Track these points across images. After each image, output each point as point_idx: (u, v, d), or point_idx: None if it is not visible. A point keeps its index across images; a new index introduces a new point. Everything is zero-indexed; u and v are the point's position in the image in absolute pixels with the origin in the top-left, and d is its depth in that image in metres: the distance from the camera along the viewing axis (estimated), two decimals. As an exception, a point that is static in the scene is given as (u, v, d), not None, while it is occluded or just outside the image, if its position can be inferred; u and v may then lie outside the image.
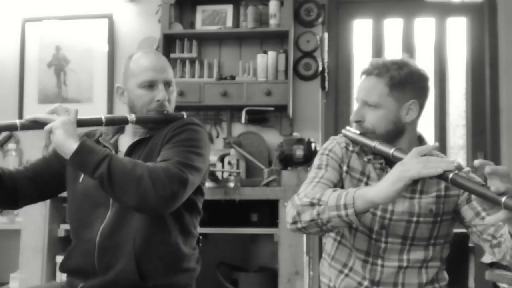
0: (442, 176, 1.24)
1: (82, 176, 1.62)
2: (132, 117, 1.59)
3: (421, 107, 1.54)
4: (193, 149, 1.55)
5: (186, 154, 1.52)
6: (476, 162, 1.19)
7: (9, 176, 1.61)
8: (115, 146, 1.68)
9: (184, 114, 1.70)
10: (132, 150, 1.63)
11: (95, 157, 1.41)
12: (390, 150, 1.41)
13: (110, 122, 1.59)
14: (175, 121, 1.65)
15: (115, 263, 1.53)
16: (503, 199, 1.13)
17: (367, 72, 1.55)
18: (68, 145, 1.41)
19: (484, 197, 1.18)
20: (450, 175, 1.22)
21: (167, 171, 1.43)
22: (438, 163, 1.24)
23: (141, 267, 1.52)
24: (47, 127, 1.43)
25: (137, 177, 1.40)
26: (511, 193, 1.13)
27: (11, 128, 1.45)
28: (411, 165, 1.26)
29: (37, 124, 1.45)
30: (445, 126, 3.33)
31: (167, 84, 1.67)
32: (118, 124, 1.67)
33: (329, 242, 1.64)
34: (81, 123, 1.49)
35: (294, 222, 1.43)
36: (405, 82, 1.50)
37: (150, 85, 1.63)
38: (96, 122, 1.55)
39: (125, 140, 1.69)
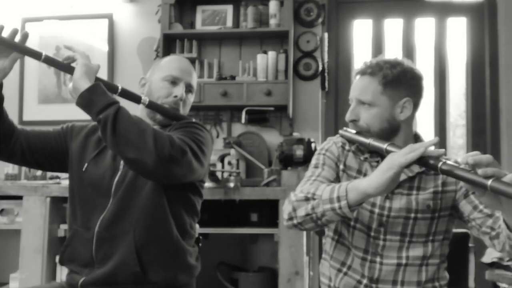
0: (430, 165, 1.27)
1: (86, 164, 1.62)
2: (145, 99, 1.61)
3: (415, 105, 1.55)
4: (198, 140, 1.57)
5: (191, 142, 1.53)
6: (470, 159, 1.18)
7: (11, 123, 1.60)
8: None
9: (193, 119, 1.72)
10: None
11: (105, 99, 1.43)
12: (384, 145, 1.43)
13: (124, 93, 1.59)
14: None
15: (113, 254, 1.53)
16: (489, 182, 1.13)
17: (361, 72, 1.57)
18: (84, 82, 1.44)
19: (472, 183, 1.18)
20: (439, 164, 1.24)
21: (171, 138, 1.46)
22: (421, 145, 1.28)
23: (142, 258, 1.52)
24: (71, 54, 1.47)
25: (141, 129, 1.42)
26: (498, 176, 1.14)
27: (36, 56, 1.46)
28: (399, 153, 1.30)
29: (59, 63, 1.48)
30: (445, 126, 3.32)
31: (189, 86, 1.73)
32: (131, 100, 1.64)
33: (328, 242, 1.65)
34: (99, 80, 1.50)
35: (290, 218, 1.44)
36: (398, 80, 1.52)
37: (173, 81, 1.70)
38: (112, 88, 1.56)
39: None
